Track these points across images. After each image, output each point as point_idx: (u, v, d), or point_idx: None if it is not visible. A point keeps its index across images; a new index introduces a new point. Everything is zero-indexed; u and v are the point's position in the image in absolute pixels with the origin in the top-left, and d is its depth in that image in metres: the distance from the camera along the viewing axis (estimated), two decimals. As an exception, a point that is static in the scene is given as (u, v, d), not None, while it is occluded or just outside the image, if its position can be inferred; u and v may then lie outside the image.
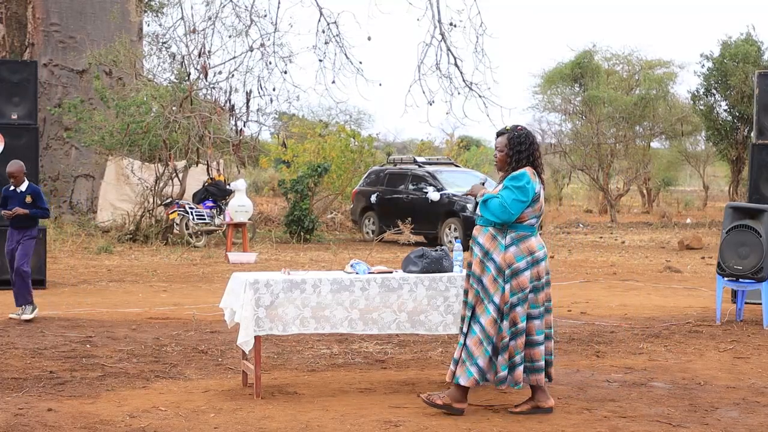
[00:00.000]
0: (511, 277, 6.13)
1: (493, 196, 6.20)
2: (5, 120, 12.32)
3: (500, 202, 6.14)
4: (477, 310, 6.19)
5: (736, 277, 9.92)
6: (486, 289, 6.17)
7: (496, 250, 6.17)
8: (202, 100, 19.27)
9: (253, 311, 6.53)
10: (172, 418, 6.05)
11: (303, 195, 21.27)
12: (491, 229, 6.22)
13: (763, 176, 10.66)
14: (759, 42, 29.02)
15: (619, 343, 8.88)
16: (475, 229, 6.35)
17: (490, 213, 6.20)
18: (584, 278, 14.65)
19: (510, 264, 6.14)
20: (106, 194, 21.77)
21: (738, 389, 7.05)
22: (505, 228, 6.19)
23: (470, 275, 6.29)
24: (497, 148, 6.38)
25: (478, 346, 6.14)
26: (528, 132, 6.36)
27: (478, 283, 6.22)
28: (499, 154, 6.35)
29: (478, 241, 6.26)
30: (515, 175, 6.20)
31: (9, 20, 23.56)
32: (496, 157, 6.38)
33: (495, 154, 6.41)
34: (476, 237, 6.29)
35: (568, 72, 34.25)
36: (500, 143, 6.35)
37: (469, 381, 6.14)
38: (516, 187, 6.14)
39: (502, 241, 6.18)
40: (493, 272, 6.16)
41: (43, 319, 9.90)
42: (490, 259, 6.18)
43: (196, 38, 14.92)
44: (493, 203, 6.18)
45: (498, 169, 6.42)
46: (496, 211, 6.16)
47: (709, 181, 40.39)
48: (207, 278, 14.12)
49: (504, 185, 6.20)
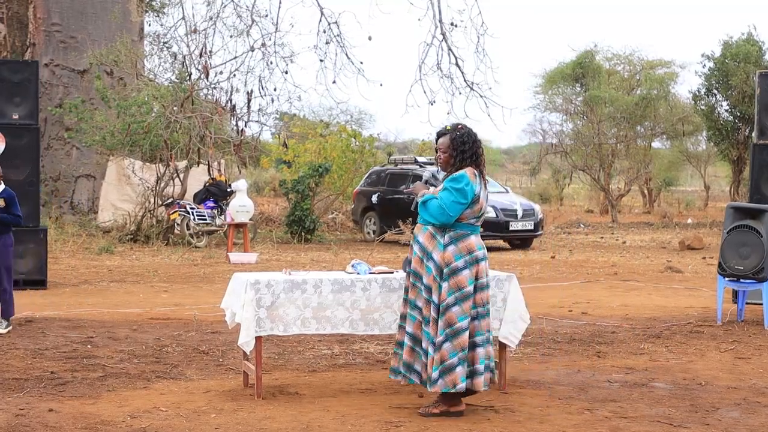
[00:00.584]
0: (449, 276, 6.10)
1: (433, 197, 6.17)
2: (6, 120, 12.33)
3: (439, 204, 6.12)
4: (425, 311, 6.17)
5: (737, 278, 9.92)
6: (430, 289, 6.15)
7: (436, 249, 6.15)
8: (203, 100, 19.28)
9: (254, 312, 6.53)
10: (173, 419, 6.05)
11: (304, 195, 21.26)
12: (430, 228, 6.20)
13: (764, 176, 10.66)
14: (760, 42, 29.00)
15: (620, 344, 8.88)
16: (416, 227, 6.32)
17: (428, 215, 6.18)
18: (585, 278, 14.64)
19: (448, 263, 6.11)
20: (107, 194, 21.77)
21: (739, 389, 7.04)
22: (444, 227, 6.17)
23: (411, 273, 6.26)
24: (440, 149, 6.30)
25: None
26: (470, 131, 6.31)
27: (420, 282, 6.20)
28: (442, 155, 6.29)
29: (418, 239, 6.25)
30: (455, 177, 6.16)
31: (10, 20, 23.57)
32: (440, 158, 6.31)
33: (438, 155, 6.33)
34: (416, 235, 6.27)
35: (569, 72, 34.22)
36: (443, 144, 6.29)
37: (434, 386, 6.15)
38: (455, 189, 6.10)
39: (441, 240, 6.16)
40: (433, 272, 6.14)
41: (44, 319, 9.91)
42: (429, 259, 6.16)
43: (198, 38, 14.94)
44: (432, 205, 6.15)
45: (442, 169, 6.37)
46: (435, 213, 6.14)
47: (710, 181, 40.37)
48: (208, 279, 14.12)
49: (444, 186, 6.17)
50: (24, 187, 12.32)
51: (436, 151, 6.37)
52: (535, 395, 6.78)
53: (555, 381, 7.23)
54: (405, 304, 6.33)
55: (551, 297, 12.22)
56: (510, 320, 6.93)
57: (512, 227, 20.20)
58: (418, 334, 6.20)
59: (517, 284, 7.02)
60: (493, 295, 6.87)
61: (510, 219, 20.18)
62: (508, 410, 6.35)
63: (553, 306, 11.33)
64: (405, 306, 6.32)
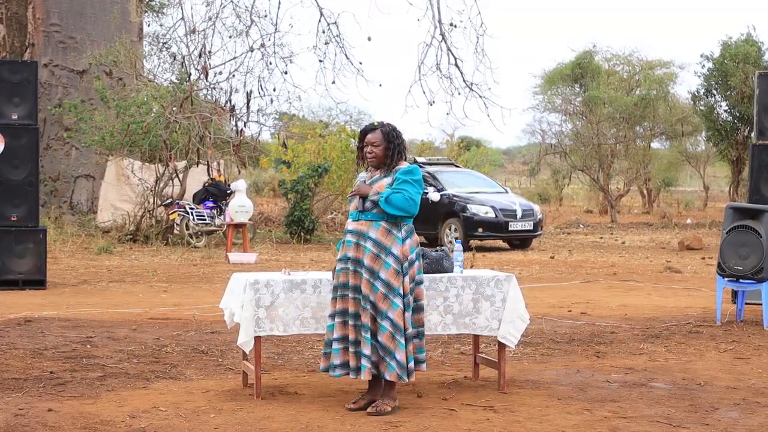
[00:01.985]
0: (408, 268, 6.23)
1: (394, 192, 6.18)
2: (5, 120, 12.32)
3: (406, 197, 6.17)
4: (381, 306, 6.17)
5: (737, 278, 9.92)
6: (389, 284, 6.16)
7: (394, 244, 6.20)
8: (202, 101, 19.27)
9: (253, 312, 6.53)
10: (173, 419, 6.05)
11: (303, 195, 21.26)
12: (384, 223, 6.23)
13: (763, 177, 10.66)
14: (759, 42, 29.00)
15: (620, 344, 8.88)
16: (358, 224, 6.29)
17: (395, 208, 6.19)
18: (584, 278, 14.65)
19: (407, 256, 6.23)
20: (106, 194, 21.77)
21: (738, 390, 7.04)
22: (398, 221, 6.24)
23: (358, 271, 6.23)
24: (372, 144, 6.32)
25: (391, 340, 6.17)
26: (396, 126, 6.42)
27: (376, 279, 6.19)
28: (375, 149, 6.31)
29: (369, 236, 6.23)
30: (409, 170, 6.28)
31: (9, 20, 23.56)
32: (372, 153, 6.33)
33: (368, 150, 6.34)
34: (365, 232, 6.24)
35: (568, 72, 34.23)
36: (376, 138, 6.32)
37: (392, 375, 6.17)
38: (415, 181, 6.25)
39: (398, 235, 6.23)
40: (393, 266, 6.18)
41: (44, 319, 9.90)
42: (389, 254, 6.18)
43: (197, 38, 14.93)
44: (398, 198, 6.17)
45: (374, 165, 6.37)
46: (404, 206, 6.18)
47: (709, 181, 40.39)
48: (207, 279, 14.12)
49: (402, 180, 6.22)
50: (23, 187, 12.33)
51: (362, 148, 6.37)
52: (535, 395, 6.78)
53: (554, 381, 7.23)
54: (342, 301, 6.29)
55: (550, 297, 12.22)
56: (509, 320, 6.93)
57: (511, 227, 20.19)
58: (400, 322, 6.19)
59: (517, 284, 7.02)
60: (492, 295, 6.90)
61: (509, 219, 20.18)
62: (507, 410, 6.35)
63: (552, 306, 11.33)
64: (341, 302, 6.29)
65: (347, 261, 6.29)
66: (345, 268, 6.30)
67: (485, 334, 6.99)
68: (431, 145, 35.64)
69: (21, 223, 12.36)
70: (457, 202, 20.22)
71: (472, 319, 6.89)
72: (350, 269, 6.27)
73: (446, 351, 8.40)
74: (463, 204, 20.12)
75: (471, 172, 24.55)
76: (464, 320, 6.88)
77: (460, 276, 6.86)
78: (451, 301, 6.85)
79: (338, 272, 6.33)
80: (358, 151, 6.48)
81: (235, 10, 15.30)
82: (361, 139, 6.42)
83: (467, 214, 19.95)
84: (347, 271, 6.28)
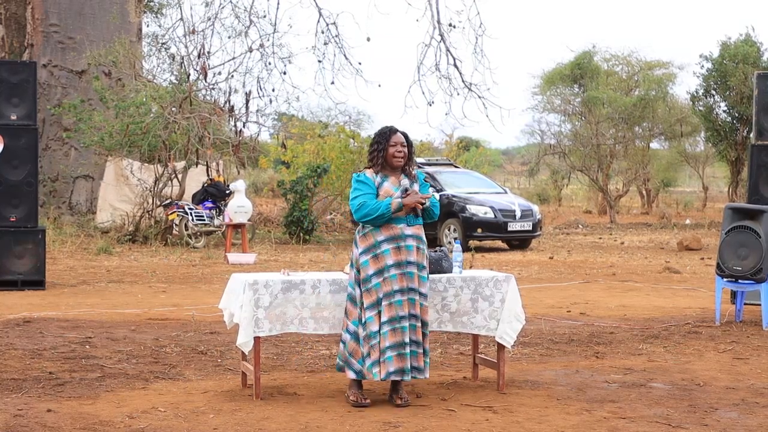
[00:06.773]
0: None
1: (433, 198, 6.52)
2: (5, 121, 12.31)
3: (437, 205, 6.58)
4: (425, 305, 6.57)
5: (736, 278, 9.92)
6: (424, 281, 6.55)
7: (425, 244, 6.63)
8: (201, 101, 19.26)
9: (252, 312, 6.53)
10: (172, 419, 6.05)
11: (302, 196, 21.25)
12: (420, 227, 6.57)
13: (762, 177, 10.66)
14: (758, 43, 29.00)
15: (619, 344, 8.89)
16: (416, 228, 6.45)
17: (435, 215, 6.56)
18: (583, 279, 14.65)
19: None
20: (105, 195, 21.77)
21: (737, 390, 7.05)
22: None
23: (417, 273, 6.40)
24: (401, 144, 6.40)
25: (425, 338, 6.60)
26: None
27: (423, 272, 6.48)
28: (404, 150, 6.41)
29: (422, 239, 6.48)
30: (424, 177, 6.61)
31: (8, 21, 23.57)
32: (401, 152, 6.40)
33: (398, 150, 6.37)
34: (422, 236, 6.48)
35: (567, 73, 34.22)
36: (402, 139, 6.43)
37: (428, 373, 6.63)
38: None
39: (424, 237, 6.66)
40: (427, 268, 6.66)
41: (43, 319, 9.90)
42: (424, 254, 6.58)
43: (196, 39, 14.92)
44: (437, 206, 6.58)
45: (400, 165, 6.44)
46: (438, 212, 6.63)
47: (708, 181, 40.37)
48: (206, 279, 14.12)
49: (427, 186, 6.56)
50: (22, 188, 12.33)
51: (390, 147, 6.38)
52: (534, 396, 6.78)
53: (553, 381, 7.23)
54: (402, 306, 6.35)
55: (549, 297, 12.22)
56: (506, 320, 6.94)
57: (510, 228, 20.19)
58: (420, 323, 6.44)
59: (515, 285, 7.03)
60: (491, 295, 6.91)
61: (508, 220, 20.18)
62: (506, 411, 6.35)
63: (551, 306, 11.33)
64: (401, 307, 6.35)
65: (407, 265, 6.37)
66: (405, 273, 6.35)
67: (483, 333, 7.00)
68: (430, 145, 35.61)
69: (20, 224, 12.36)
70: (456, 202, 20.22)
71: (470, 318, 6.90)
72: (414, 273, 6.38)
73: (446, 351, 8.40)
74: (462, 204, 20.12)
75: (470, 172, 24.54)
76: (461, 319, 6.89)
77: (459, 276, 6.87)
78: (449, 300, 6.86)
79: (393, 278, 6.33)
80: (376, 152, 6.42)
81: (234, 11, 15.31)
82: (384, 140, 6.39)
83: (466, 215, 19.94)
84: (406, 275, 6.35)
